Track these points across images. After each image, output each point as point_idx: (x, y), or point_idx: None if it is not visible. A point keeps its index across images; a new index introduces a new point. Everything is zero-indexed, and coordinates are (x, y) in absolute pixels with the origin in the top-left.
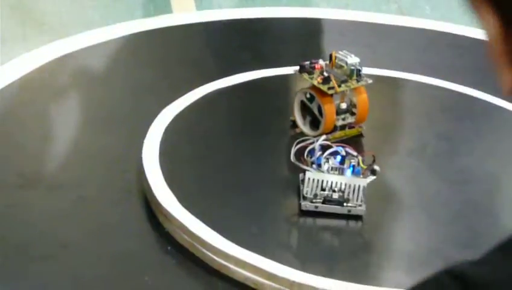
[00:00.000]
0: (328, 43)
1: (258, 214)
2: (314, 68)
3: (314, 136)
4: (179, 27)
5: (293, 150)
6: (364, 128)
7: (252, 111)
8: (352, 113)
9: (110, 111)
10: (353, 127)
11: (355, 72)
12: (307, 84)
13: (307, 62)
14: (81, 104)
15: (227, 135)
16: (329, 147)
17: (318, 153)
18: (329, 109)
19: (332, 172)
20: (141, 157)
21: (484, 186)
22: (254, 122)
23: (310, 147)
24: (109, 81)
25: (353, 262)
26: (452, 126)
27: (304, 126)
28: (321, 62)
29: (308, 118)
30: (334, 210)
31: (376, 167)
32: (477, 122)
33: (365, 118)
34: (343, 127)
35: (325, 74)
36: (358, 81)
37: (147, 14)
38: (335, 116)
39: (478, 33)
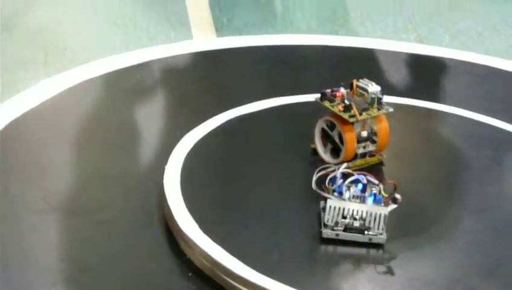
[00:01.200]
0: (348, 71)
1: (278, 241)
2: (335, 96)
3: (335, 164)
4: (199, 53)
5: (314, 178)
6: (385, 156)
7: (273, 138)
8: (373, 141)
9: (132, 137)
10: (374, 155)
11: (376, 100)
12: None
13: (328, 90)
14: (103, 130)
15: (247, 161)
16: (350, 175)
17: (339, 181)
18: (350, 137)
19: (353, 200)
20: (162, 183)
21: (506, 214)
22: (275, 149)
23: (331, 175)
24: (131, 106)
25: None
26: (472, 155)
27: (324, 154)
28: (342, 90)
29: (329, 146)
30: (355, 238)
31: (397, 196)
32: (498, 151)
33: (386, 146)
34: (363, 155)
35: (346, 102)
36: (379, 109)
37: (168, 40)
38: (356, 144)
39: (497, 62)
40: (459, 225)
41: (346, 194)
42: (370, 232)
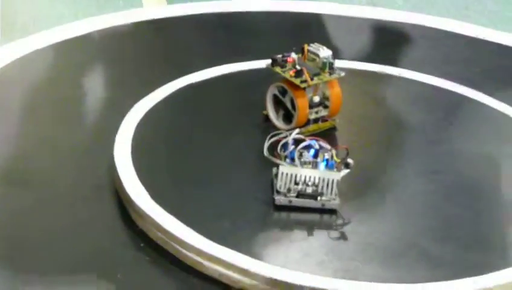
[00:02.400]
0: (299, 36)
1: (231, 209)
2: (286, 61)
3: (288, 130)
4: (149, 22)
5: (266, 145)
6: (338, 121)
7: (224, 105)
8: (325, 107)
9: (81, 107)
10: (326, 121)
11: (327, 65)
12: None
13: (279, 55)
14: (51, 100)
15: (199, 129)
16: (302, 140)
17: (291, 147)
18: (302, 102)
19: (305, 166)
20: (113, 154)
21: (458, 177)
22: (226, 116)
23: (283, 141)
24: (80, 76)
25: (328, 256)
26: (425, 118)
27: (276, 120)
28: (293, 55)
29: (281, 112)
30: (308, 204)
31: (349, 160)
32: (450, 114)
33: (338, 111)
34: (316, 121)
35: (298, 67)
36: (331, 74)
37: (117, 9)
38: (308, 110)
39: (449, 25)
40: (411, 188)
41: (298, 160)
42: (323, 198)
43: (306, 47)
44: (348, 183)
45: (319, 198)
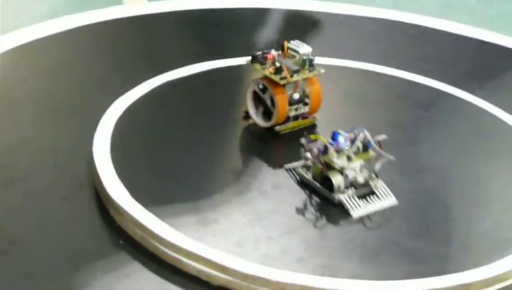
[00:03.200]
0: (279, 33)
1: (210, 206)
2: (266, 58)
3: (267, 127)
4: (129, 19)
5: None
6: (318, 118)
7: (204, 102)
8: (305, 104)
9: (60, 104)
10: (306, 118)
11: (307, 62)
12: (259, 75)
13: (259, 52)
14: (30, 98)
15: (179, 126)
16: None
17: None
18: (281, 99)
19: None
20: (91, 151)
21: (438, 175)
22: (206, 113)
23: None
24: (59, 74)
25: (306, 253)
26: (405, 115)
27: (256, 117)
28: (273, 52)
29: (261, 109)
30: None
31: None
32: (430, 111)
33: (318, 108)
34: (296, 118)
35: (277, 64)
36: (310, 71)
37: (98, 5)
38: (287, 107)
39: (430, 22)
40: (392, 187)
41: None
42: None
43: (286, 44)
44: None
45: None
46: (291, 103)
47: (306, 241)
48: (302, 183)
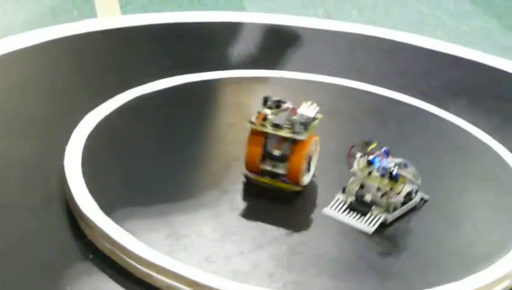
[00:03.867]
0: (253, 48)
1: (181, 222)
2: (279, 107)
3: None
4: (102, 32)
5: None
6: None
7: (176, 117)
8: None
9: (31, 118)
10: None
11: (297, 123)
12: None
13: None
14: (1, 111)
15: (150, 141)
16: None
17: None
18: (252, 148)
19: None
20: (63, 165)
21: None
22: (177, 128)
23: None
24: (30, 87)
25: (277, 269)
26: (378, 130)
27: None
28: (287, 105)
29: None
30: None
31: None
32: (403, 126)
33: (297, 181)
34: (273, 175)
35: (266, 110)
36: (293, 133)
37: (72, 19)
38: (258, 159)
39: (404, 37)
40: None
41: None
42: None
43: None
44: (300, 195)
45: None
46: (270, 157)
47: (277, 257)
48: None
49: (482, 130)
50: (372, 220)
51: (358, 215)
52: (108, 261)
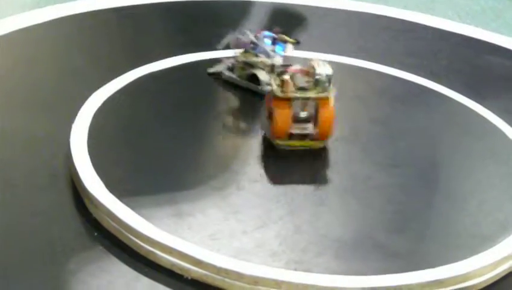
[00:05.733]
0: (261, 25)
1: (186, 200)
2: (286, 71)
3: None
4: (111, 10)
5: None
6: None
7: (184, 95)
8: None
9: (39, 95)
10: (317, 139)
11: (320, 82)
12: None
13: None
14: (10, 88)
15: (158, 119)
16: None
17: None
18: (281, 114)
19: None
20: (69, 142)
21: (417, 170)
22: (187, 106)
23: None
24: (39, 64)
25: (280, 247)
26: (386, 110)
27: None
28: (296, 66)
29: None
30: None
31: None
32: (411, 106)
33: (329, 134)
34: (302, 137)
35: (286, 77)
36: (320, 92)
37: None
38: (290, 124)
39: (414, 17)
40: (370, 181)
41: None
42: None
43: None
44: (304, 172)
45: None
46: (297, 120)
47: (280, 236)
48: (228, 83)
49: (490, 111)
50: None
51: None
52: (112, 239)
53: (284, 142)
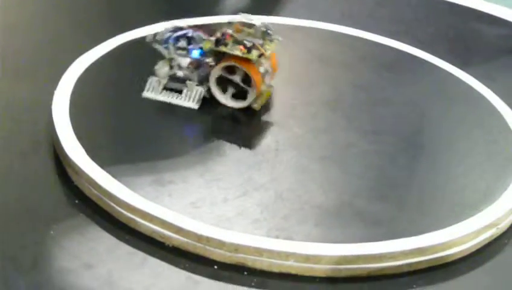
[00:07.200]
0: None
1: (167, 167)
2: (225, 38)
3: (242, 108)
4: None
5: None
6: (280, 78)
7: None
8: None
9: (20, 61)
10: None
11: (266, 32)
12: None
13: (219, 34)
14: None
15: (140, 87)
16: (181, 29)
17: (168, 34)
18: (258, 76)
19: (179, 52)
20: (50, 108)
21: (400, 137)
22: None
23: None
24: (19, 30)
25: (261, 215)
26: (370, 77)
27: (227, 100)
28: (229, 31)
29: (231, 90)
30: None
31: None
32: (396, 73)
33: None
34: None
35: (247, 43)
36: (271, 41)
37: None
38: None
39: None
40: (352, 148)
41: (173, 47)
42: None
43: (238, 19)
44: (285, 140)
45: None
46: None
47: (262, 204)
48: None
49: (475, 78)
50: (192, 96)
51: (177, 94)
52: (93, 206)
53: (260, 102)
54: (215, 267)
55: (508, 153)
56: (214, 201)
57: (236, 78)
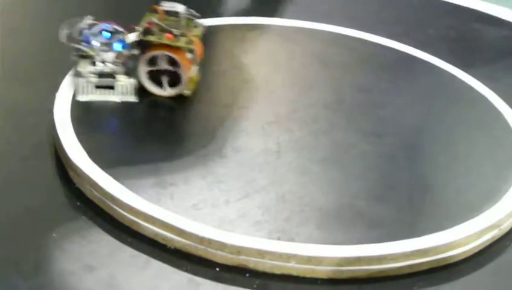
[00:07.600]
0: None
1: (169, 170)
2: (151, 28)
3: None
4: None
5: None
6: (281, 80)
7: None
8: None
9: (23, 63)
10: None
11: (190, 20)
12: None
13: (147, 25)
14: None
15: (141, 88)
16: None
17: (86, 31)
18: (187, 63)
19: (102, 47)
20: (52, 111)
21: (401, 139)
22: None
23: (78, 26)
24: (19, 33)
25: (263, 217)
26: (371, 78)
27: (159, 90)
28: (154, 20)
29: (165, 79)
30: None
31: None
32: (397, 74)
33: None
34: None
35: (175, 31)
36: (196, 27)
37: None
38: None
39: None
40: (352, 150)
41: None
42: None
43: (159, 8)
44: (287, 141)
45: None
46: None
47: (263, 206)
48: None
49: (476, 79)
50: (126, 90)
51: (111, 91)
52: (95, 209)
53: (189, 89)
54: (217, 269)
55: (509, 154)
56: (215, 203)
57: (165, 65)
